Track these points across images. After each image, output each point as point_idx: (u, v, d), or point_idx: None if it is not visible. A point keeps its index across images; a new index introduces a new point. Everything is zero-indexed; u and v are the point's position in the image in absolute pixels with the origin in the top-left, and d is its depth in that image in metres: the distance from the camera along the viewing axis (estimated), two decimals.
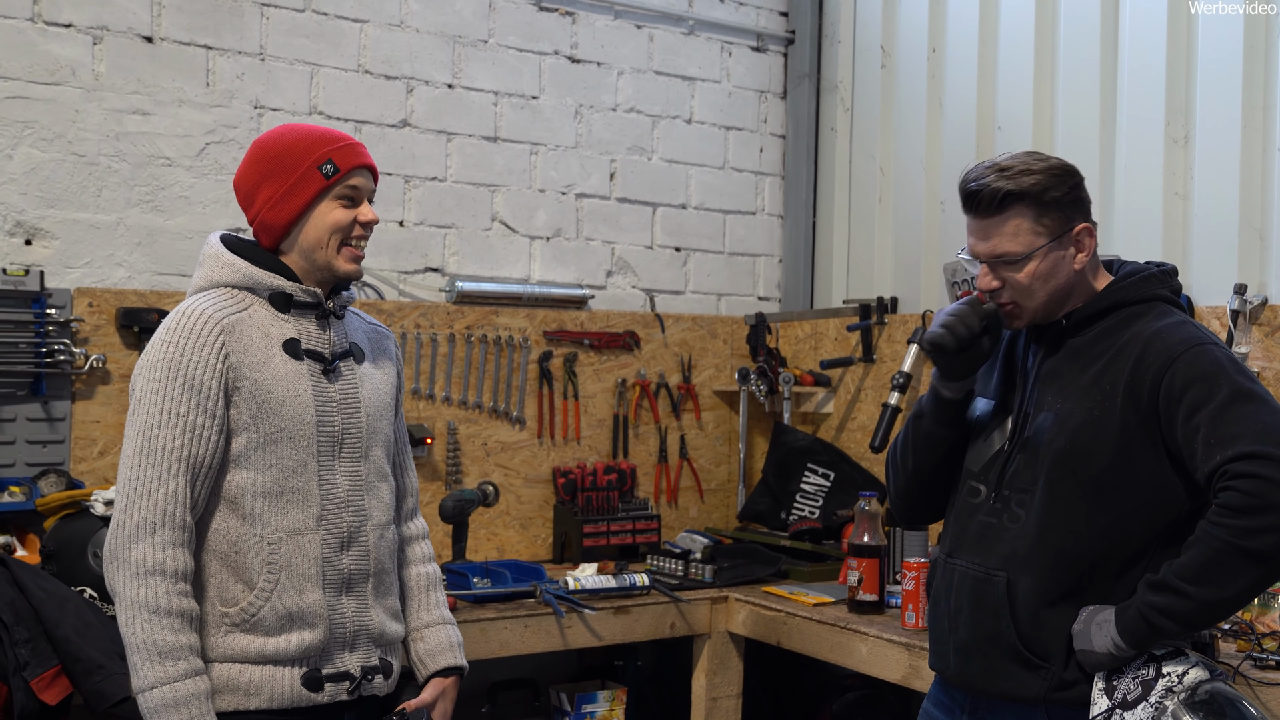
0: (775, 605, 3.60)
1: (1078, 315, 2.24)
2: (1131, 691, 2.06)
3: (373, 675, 2.30)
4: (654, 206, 4.71)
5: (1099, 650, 2.09)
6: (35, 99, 3.57)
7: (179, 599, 2.12)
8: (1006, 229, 2.19)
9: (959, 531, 2.32)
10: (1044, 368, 2.26)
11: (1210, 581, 1.99)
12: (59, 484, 3.39)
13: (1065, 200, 2.20)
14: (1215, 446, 2.00)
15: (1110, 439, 2.13)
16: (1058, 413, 2.19)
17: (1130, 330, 2.19)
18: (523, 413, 4.31)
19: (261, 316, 2.25)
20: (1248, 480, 1.96)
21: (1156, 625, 2.03)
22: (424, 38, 4.22)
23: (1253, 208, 3.45)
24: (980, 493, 2.29)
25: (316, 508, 2.24)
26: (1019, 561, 2.19)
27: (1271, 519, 1.95)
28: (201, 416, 2.16)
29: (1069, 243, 2.21)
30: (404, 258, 4.17)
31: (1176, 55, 3.65)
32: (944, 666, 2.34)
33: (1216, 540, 1.99)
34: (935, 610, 2.36)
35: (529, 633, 3.41)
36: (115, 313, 3.59)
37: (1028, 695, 2.17)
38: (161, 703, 2.09)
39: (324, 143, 2.28)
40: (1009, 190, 2.17)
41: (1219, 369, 2.06)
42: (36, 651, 2.74)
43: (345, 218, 2.27)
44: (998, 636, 2.19)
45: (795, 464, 4.38)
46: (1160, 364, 2.10)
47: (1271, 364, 3.22)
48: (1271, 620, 2.90)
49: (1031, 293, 2.21)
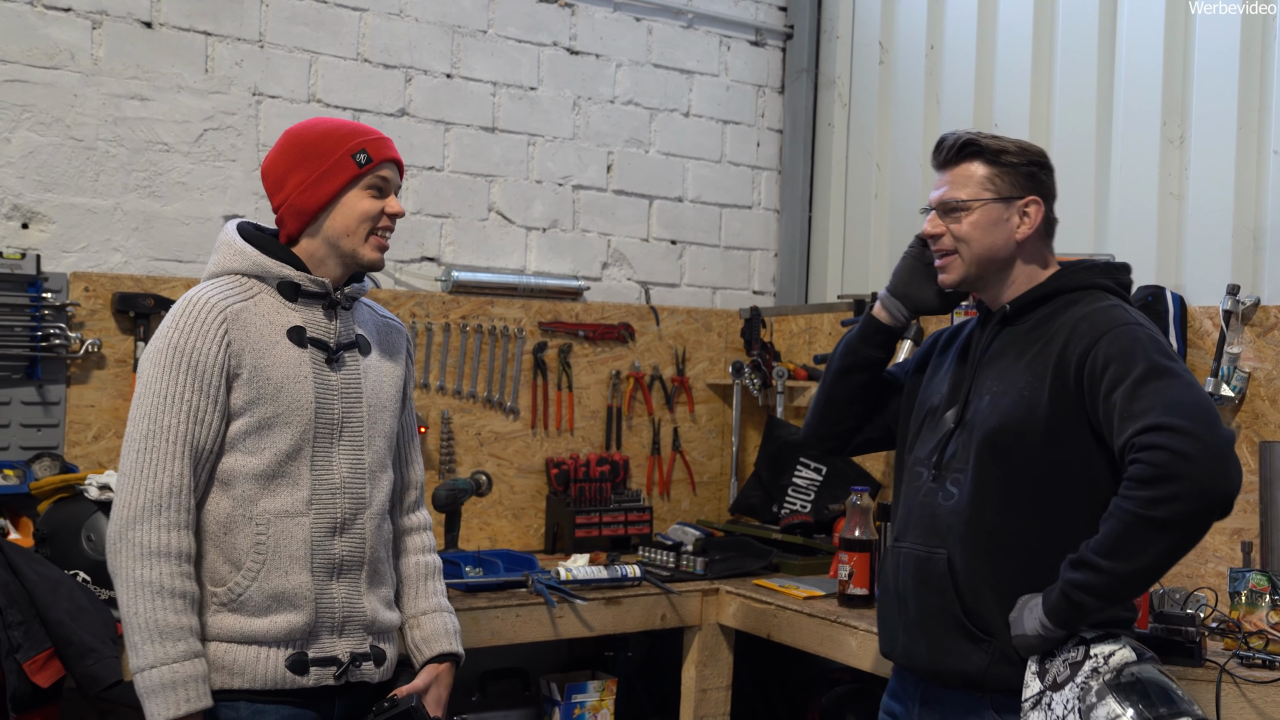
0: (766, 598, 3.61)
1: (1019, 301, 2.32)
2: (1061, 673, 2.10)
3: (362, 662, 2.32)
4: (650, 199, 4.72)
5: (1029, 633, 2.13)
6: (34, 83, 3.57)
7: (182, 580, 2.16)
8: (961, 175, 2.30)
9: (905, 515, 2.39)
10: (987, 354, 2.33)
11: (1122, 554, 2.03)
12: (53, 468, 3.40)
13: (1021, 169, 2.30)
14: (1127, 420, 2.06)
15: (1040, 419, 2.19)
16: (993, 395, 2.26)
17: (1065, 315, 2.26)
18: (517, 403, 4.32)
19: (268, 304, 2.29)
20: (1152, 451, 2.01)
21: (1077, 602, 2.07)
22: (423, 27, 4.22)
23: (1247, 209, 3.47)
24: (922, 476, 2.36)
25: (307, 491, 2.26)
26: (955, 538, 2.25)
27: (1174, 488, 1.98)
28: (204, 402, 2.20)
29: (1015, 210, 2.30)
30: (400, 247, 4.18)
31: (1173, 56, 3.66)
32: (892, 648, 2.39)
33: (1125, 513, 2.03)
34: (884, 595, 2.42)
35: (520, 622, 3.42)
36: (111, 297, 3.59)
37: (970, 670, 2.21)
38: (159, 683, 2.11)
39: (358, 133, 2.34)
40: (969, 140, 2.30)
41: (1137, 346, 2.12)
42: (29, 634, 2.75)
43: (374, 207, 2.33)
44: (943, 612, 2.25)
45: (788, 458, 4.39)
46: (1085, 344, 2.17)
47: (1263, 364, 3.24)
48: (1258, 619, 2.91)
49: (968, 242, 2.30)
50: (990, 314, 2.37)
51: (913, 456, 2.41)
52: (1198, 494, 1.98)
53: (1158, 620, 2.83)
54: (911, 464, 2.41)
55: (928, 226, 2.34)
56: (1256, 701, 2.58)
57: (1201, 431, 2.00)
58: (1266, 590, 2.93)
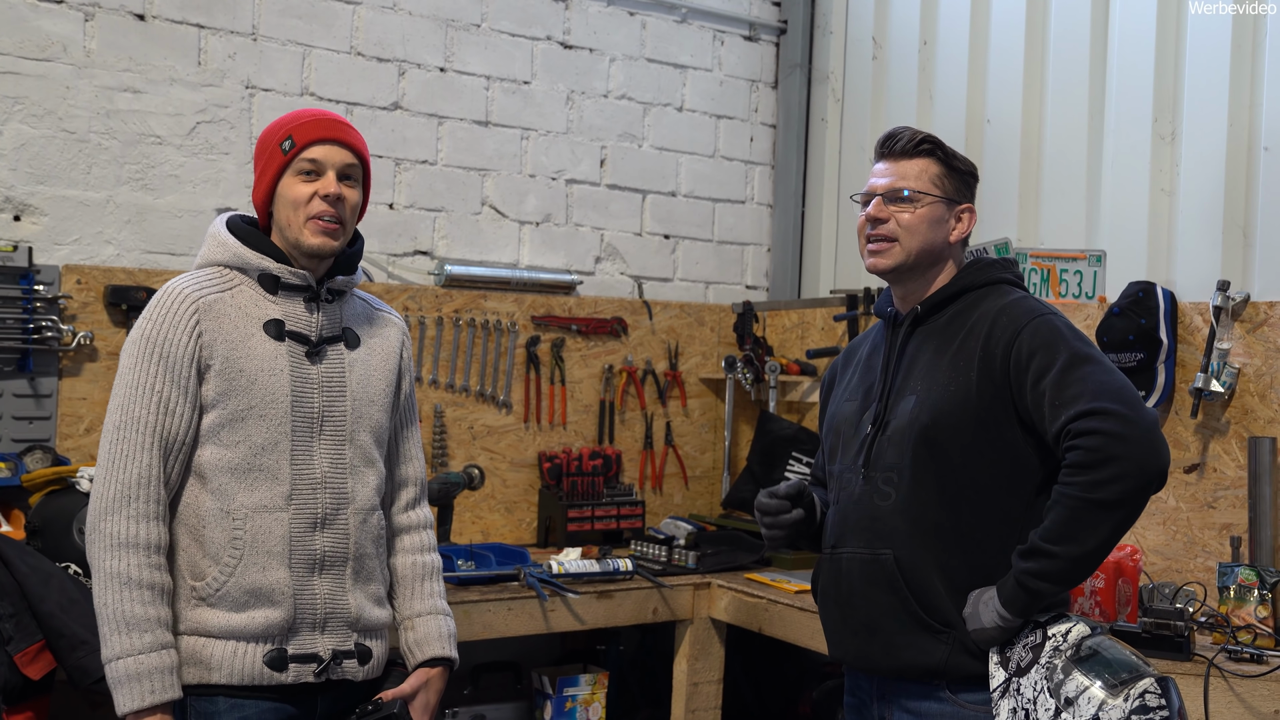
0: (757, 592, 3.62)
1: (930, 301, 2.37)
2: (1024, 659, 2.16)
3: (345, 660, 2.30)
4: (644, 194, 4.72)
5: (988, 625, 2.18)
6: (26, 75, 3.56)
7: (150, 571, 2.16)
8: (913, 169, 2.36)
9: (840, 523, 2.40)
10: (904, 355, 2.38)
11: (1072, 539, 2.10)
12: (45, 460, 3.40)
13: (965, 176, 2.40)
14: (1059, 408, 2.14)
15: (970, 412, 2.24)
16: (919, 393, 2.30)
17: (979, 310, 2.32)
18: (509, 397, 4.32)
19: (247, 296, 2.28)
20: (1088, 437, 2.09)
21: (1033, 589, 2.13)
22: (417, 20, 4.22)
23: (1237, 205, 3.48)
24: (852, 482, 2.38)
25: (286, 486, 2.25)
26: (901, 538, 2.28)
27: (1114, 469, 2.07)
28: (175, 392, 2.20)
29: (955, 213, 2.38)
30: (393, 240, 4.18)
31: (1165, 53, 3.67)
32: (844, 654, 2.41)
33: (1069, 499, 2.11)
34: (825, 603, 2.44)
35: (512, 615, 3.43)
36: (103, 290, 3.59)
37: (930, 662, 2.24)
38: (125, 674, 2.11)
39: (292, 120, 2.31)
40: (927, 137, 2.38)
41: (1058, 336, 2.21)
42: (20, 626, 2.76)
43: (305, 191, 2.27)
44: (898, 610, 2.27)
45: (780, 452, 4.39)
46: (1008, 336, 2.24)
47: (1253, 360, 3.25)
48: (1247, 613, 2.93)
49: (913, 233, 2.34)
50: (898, 317, 2.42)
51: (838, 466, 2.44)
52: (1136, 472, 2.07)
53: (1147, 615, 2.85)
54: (838, 473, 2.43)
55: (872, 210, 2.37)
56: (1244, 695, 2.59)
57: (1130, 413, 2.09)
58: (1255, 585, 2.94)
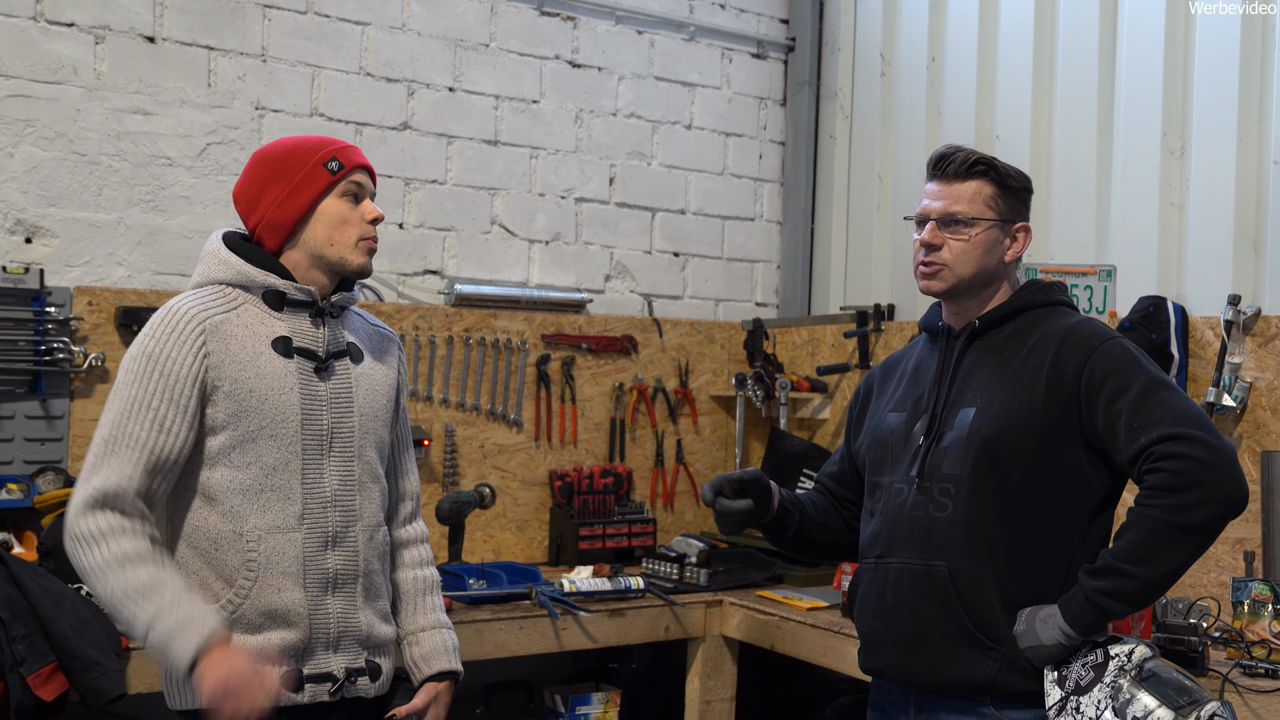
0: (769, 609, 3.61)
1: (989, 316, 2.36)
2: (1084, 677, 2.15)
3: (357, 677, 2.30)
4: (653, 211, 4.73)
5: (1048, 643, 2.17)
6: (37, 98, 3.58)
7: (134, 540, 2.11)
8: (966, 191, 2.34)
9: (890, 533, 2.36)
10: (960, 367, 2.36)
11: (1150, 559, 2.11)
12: (57, 481, 3.41)
13: (1019, 193, 2.37)
14: (1138, 431, 2.15)
15: (1033, 427, 2.23)
16: (979, 406, 2.29)
17: (1041, 328, 2.32)
18: (520, 415, 4.32)
19: (252, 314, 2.27)
20: (1174, 460, 2.10)
21: (1104, 608, 2.13)
22: (425, 41, 4.23)
23: (1247, 219, 3.47)
24: (903, 492, 2.35)
25: (299, 505, 2.24)
26: (957, 550, 2.26)
27: (1200, 494, 2.08)
28: (173, 412, 2.17)
29: (1010, 232, 2.36)
30: (403, 260, 4.19)
31: (1173, 69, 3.67)
32: (881, 665, 2.37)
33: (1151, 520, 2.11)
34: (864, 612, 2.41)
35: (524, 634, 3.42)
36: (115, 311, 3.60)
37: (978, 678, 2.22)
38: (167, 632, 2.05)
39: (326, 144, 2.34)
40: (980, 158, 2.34)
41: (1134, 360, 2.22)
42: (33, 648, 2.76)
43: (353, 213, 2.31)
44: (947, 624, 2.25)
45: (791, 469, 4.39)
46: (1080, 356, 2.24)
47: (1264, 374, 3.24)
48: (1261, 628, 2.91)
49: (967, 260, 2.33)
50: (951, 332, 2.40)
51: (887, 477, 2.41)
52: (1221, 498, 2.09)
53: (1161, 630, 2.83)
54: (887, 484, 2.40)
55: (926, 235, 2.35)
56: (1260, 711, 2.58)
57: (1215, 440, 2.11)
58: (1269, 600, 2.92)
